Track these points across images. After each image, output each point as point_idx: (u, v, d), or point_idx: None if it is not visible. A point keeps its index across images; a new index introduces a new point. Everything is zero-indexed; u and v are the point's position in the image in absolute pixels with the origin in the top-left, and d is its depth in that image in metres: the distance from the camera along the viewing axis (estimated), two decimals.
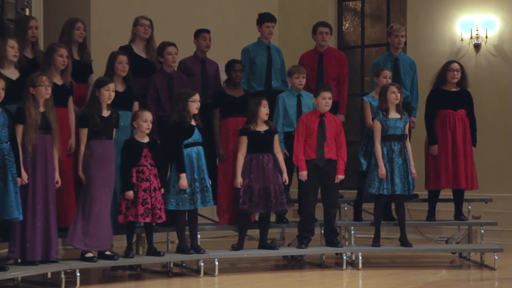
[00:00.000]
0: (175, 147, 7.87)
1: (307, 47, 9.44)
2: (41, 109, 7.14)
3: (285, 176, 8.26)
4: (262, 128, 8.23)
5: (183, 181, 7.82)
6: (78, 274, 7.29)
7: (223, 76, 8.92)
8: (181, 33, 9.40)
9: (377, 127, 8.43)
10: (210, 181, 7.97)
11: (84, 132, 7.41)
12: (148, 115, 7.70)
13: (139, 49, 8.50)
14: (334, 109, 8.78)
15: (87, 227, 7.36)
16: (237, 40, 9.79)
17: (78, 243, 7.35)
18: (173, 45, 8.42)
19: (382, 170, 8.34)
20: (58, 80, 7.60)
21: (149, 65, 8.50)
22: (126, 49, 8.35)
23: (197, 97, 7.92)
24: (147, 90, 8.29)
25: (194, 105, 7.90)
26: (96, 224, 7.38)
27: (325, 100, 8.31)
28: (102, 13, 9.97)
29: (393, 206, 8.84)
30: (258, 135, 8.19)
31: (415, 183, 8.51)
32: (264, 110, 8.16)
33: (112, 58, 7.99)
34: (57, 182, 7.24)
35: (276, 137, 8.31)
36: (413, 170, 8.44)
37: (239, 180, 8.12)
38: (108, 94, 7.47)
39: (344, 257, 8.45)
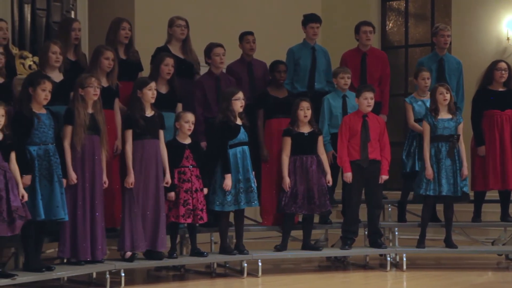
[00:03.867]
0: (221, 148, 7.89)
1: (350, 47, 9.38)
2: (90, 110, 7.21)
3: (329, 177, 8.23)
4: (305, 129, 8.21)
5: (228, 181, 7.83)
6: (123, 274, 7.34)
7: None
8: (227, 34, 9.41)
9: (426, 128, 8.36)
10: (255, 181, 7.96)
11: (129, 133, 7.46)
12: (190, 117, 7.72)
13: (175, 50, 8.50)
14: (377, 110, 8.73)
15: (134, 228, 7.40)
16: (283, 41, 9.78)
17: (126, 247, 7.40)
18: (221, 46, 8.43)
19: (429, 171, 8.27)
20: (104, 82, 7.65)
21: (187, 65, 8.51)
22: (163, 51, 8.36)
23: (240, 95, 7.92)
24: (186, 91, 8.30)
25: (238, 103, 7.90)
26: (142, 225, 7.42)
27: (367, 100, 8.27)
28: (146, 14, 10.04)
29: (439, 207, 8.76)
30: (302, 137, 8.17)
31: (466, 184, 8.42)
32: (301, 113, 8.13)
33: (159, 60, 8.02)
34: (104, 183, 7.30)
35: (320, 138, 8.28)
36: (465, 171, 8.33)
37: (287, 181, 8.11)
38: (151, 93, 7.51)
39: (388, 259, 8.40)
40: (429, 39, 9.91)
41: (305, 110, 8.14)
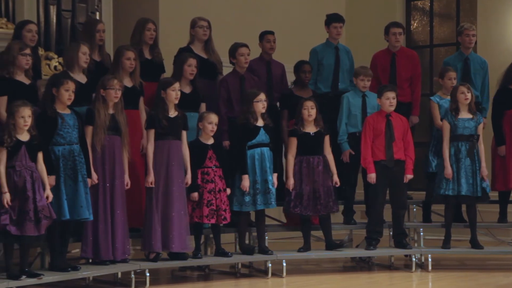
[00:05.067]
0: (239, 148, 7.90)
1: (375, 47, 9.36)
2: (111, 111, 7.24)
3: (336, 178, 8.18)
4: (311, 129, 8.17)
5: (245, 182, 7.85)
6: (148, 274, 7.37)
7: (290, 77, 8.91)
8: (249, 34, 9.41)
9: (446, 127, 8.33)
10: (275, 183, 7.95)
11: (151, 133, 7.48)
12: (213, 117, 7.73)
13: (198, 50, 8.50)
14: (407, 111, 8.70)
15: (157, 228, 7.42)
16: (306, 41, 9.76)
17: (150, 247, 7.43)
18: (246, 46, 8.44)
19: (448, 170, 8.23)
20: (128, 82, 7.69)
21: (209, 66, 8.51)
22: (186, 51, 8.36)
23: (262, 96, 7.92)
24: (209, 91, 8.31)
25: (260, 105, 7.91)
26: (166, 225, 7.44)
27: (389, 100, 8.23)
28: (170, 15, 10.07)
29: (464, 207, 8.72)
30: (308, 137, 8.14)
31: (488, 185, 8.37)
32: (305, 112, 8.10)
33: (182, 60, 8.04)
34: (127, 184, 7.33)
35: (327, 138, 8.23)
36: (484, 172, 8.29)
37: (291, 181, 8.09)
38: (174, 94, 7.52)
39: (413, 259, 8.36)
40: (454, 39, 9.86)
41: (309, 109, 8.10)
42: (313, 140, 8.14)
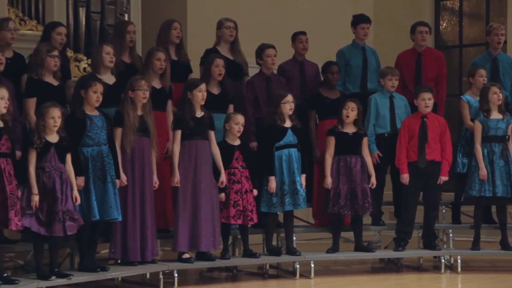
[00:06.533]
0: (266, 150, 7.91)
1: (403, 48, 9.31)
2: (139, 112, 7.28)
3: (373, 179, 8.16)
4: (350, 129, 8.15)
5: (272, 183, 7.85)
6: (176, 275, 7.39)
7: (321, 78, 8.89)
8: (276, 35, 9.42)
9: (478, 128, 8.27)
10: (303, 183, 7.94)
11: (178, 133, 7.50)
12: (240, 118, 7.74)
13: (224, 51, 8.50)
14: (433, 111, 8.65)
15: (186, 228, 7.44)
16: (333, 42, 9.74)
17: (179, 247, 7.45)
18: (272, 47, 8.44)
19: (483, 171, 8.17)
20: (157, 84, 7.72)
21: (236, 67, 8.50)
22: (212, 52, 8.36)
23: (289, 98, 7.92)
24: (235, 92, 8.32)
25: (287, 107, 7.91)
26: (195, 225, 7.46)
27: (425, 101, 8.20)
28: (198, 16, 10.11)
29: (493, 208, 8.65)
30: (346, 137, 8.12)
31: None
32: (344, 112, 8.08)
33: (209, 61, 8.06)
34: (155, 184, 7.35)
35: (365, 140, 8.21)
36: None
37: (329, 180, 8.08)
38: (201, 95, 7.53)
39: (443, 261, 8.31)
40: (484, 39, 9.78)
41: (348, 110, 8.08)
42: (351, 140, 8.13)
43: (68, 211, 6.59)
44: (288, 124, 7.95)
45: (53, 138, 6.66)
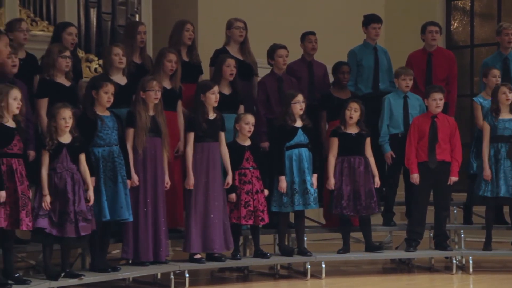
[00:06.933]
0: (277, 150, 7.91)
1: (414, 48, 9.30)
2: (151, 112, 7.29)
3: (377, 180, 8.15)
4: (353, 130, 8.14)
5: (282, 183, 7.85)
6: (187, 275, 7.40)
7: (332, 78, 8.88)
8: (287, 35, 9.42)
9: (486, 129, 8.26)
10: (314, 183, 7.93)
11: (191, 135, 7.51)
12: (250, 118, 7.73)
13: (234, 52, 8.49)
14: (443, 111, 8.62)
15: (197, 229, 7.45)
16: (344, 42, 9.74)
17: (192, 248, 7.46)
18: (284, 47, 8.44)
19: (487, 172, 8.16)
20: (167, 84, 7.73)
21: (245, 67, 8.49)
22: (222, 53, 8.36)
23: (299, 98, 7.92)
24: (245, 92, 8.32)
25: (297, 107, 7.90)
26: (206, 226, 7.47)
27: (436, 101, 8.18)
28: (209, 17, 10.11)
29: (506, 209, 8.62)
30: (349, 137, 8.11)
31: None
32: (347, 113, 8.07)
33: (220, 61, 8.06)
34: (166, 184, 7.36)
35: (368, 140, 8.19)
36: None
37: (332, 181, 8.07)
38: (214, 97, 7.54)
39: (454, 261, 8.29)
40: (495, 39, 9.75)
41: (352, 111, 8.07)
42: (354, 141, 8.12)
43: (81, 212, 6.61)
44: (299, 124, 7.95)
45: (66, 139, 6.68)
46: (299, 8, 11.01)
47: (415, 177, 8.19)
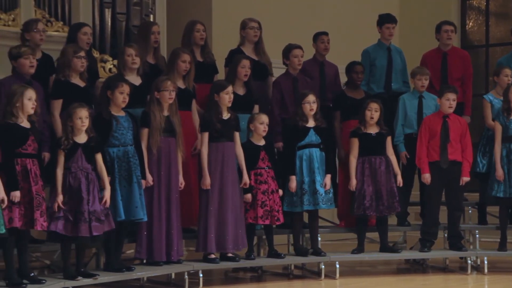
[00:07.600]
0: (288, 149, 7.92)
1: (429, 47, 9.27)
2: (165, 112, 7.30)
3: (399, 178, 8.13)
4: (373, 130, 8.13)
5: (292, 183, 7.85)
6: (201, 275, 7.41)
7: (343, 79, 8.88)
8: (301, 35, 9.41)
9: (498, 129, 8.23)
10: (327, 184, 7.92)
11: (206, 136, 7.51)
12: (264, 118, 7.73)
13: (249, 52, 8.49)
14: (459, 111, 8.60)
15: (212, 229, 7.46)
16: (358, 42, 9.73)
17: (207, 248, 7.47)
18: (300, 48, 8.43)
19: (499, 172, 8.14)
20: (181, 84, 7.74)
21: (260, 67, 8.49)
22: (237, 53, 8.36)
23: (310, 98, 7.91)
24: (259, 92, 8.32)
25: (307, 107, 7.90)
26: (221, 227, 7.47)
27: (449, 101, 8.16)
28: (223, 17, 10.12)
29: None
30: (369, 137, 8.10)
31: None
32: (368, 113, 8.05)
33: (235, 62, 8.07)
34: (181, 184, 7.38)
35: (389, 139, 8.18)
36: None
37: (354, 182, 8.06)
38: (228, 97, 7.55)
39: (469, 261, 8.26)
40: (510, 38, 9.72)
41: (372, 111, 8.06)
42: (374, 141, 8.11)
43: (95, 212, 6.63)
44: (311, 124, 7.94)
45: (81, 138, 6.69)
46: (313, 8, 11.00)
47: (427, 177, 8.16)
